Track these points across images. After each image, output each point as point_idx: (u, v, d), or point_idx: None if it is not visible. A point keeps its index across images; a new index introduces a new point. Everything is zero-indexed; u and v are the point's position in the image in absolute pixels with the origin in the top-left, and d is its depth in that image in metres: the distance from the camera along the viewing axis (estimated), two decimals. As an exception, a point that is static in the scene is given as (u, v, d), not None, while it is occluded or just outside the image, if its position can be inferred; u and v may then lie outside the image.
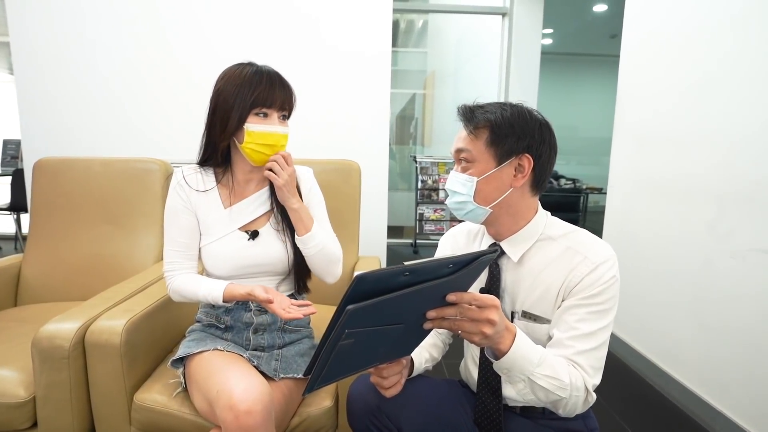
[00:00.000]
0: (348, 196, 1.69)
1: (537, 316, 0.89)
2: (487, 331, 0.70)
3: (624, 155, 2.23)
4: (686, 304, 1.78)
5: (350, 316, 0.57)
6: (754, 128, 1.48)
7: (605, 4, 5.09)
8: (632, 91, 2.18)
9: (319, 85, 2.55)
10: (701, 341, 1.70)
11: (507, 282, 0.93)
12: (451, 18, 5.98)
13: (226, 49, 2.49)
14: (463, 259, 0.64)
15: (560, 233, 0.91)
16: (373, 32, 2.57)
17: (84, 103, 2.46)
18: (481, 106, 0.90)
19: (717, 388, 1.64)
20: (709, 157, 1.67)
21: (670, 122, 1.88)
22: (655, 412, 1.76)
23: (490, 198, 0.89)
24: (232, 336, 1.11)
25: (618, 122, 2.27)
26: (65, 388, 1.07)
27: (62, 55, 2.42)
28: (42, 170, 1.69)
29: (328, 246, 1.12)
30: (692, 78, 1.76)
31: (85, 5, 2.40)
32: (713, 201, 1.64)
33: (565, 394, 0.78)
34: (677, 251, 1.83)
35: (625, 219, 2.20)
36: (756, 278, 1.47)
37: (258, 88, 1.02)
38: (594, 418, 0.98)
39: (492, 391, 0.95)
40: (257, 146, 1.04)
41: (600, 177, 2.30)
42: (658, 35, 1.98)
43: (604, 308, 0.84)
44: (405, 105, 6.70)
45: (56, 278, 1.65)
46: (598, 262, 0.84)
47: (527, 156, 0.87)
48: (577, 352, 0.82)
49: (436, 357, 1.06)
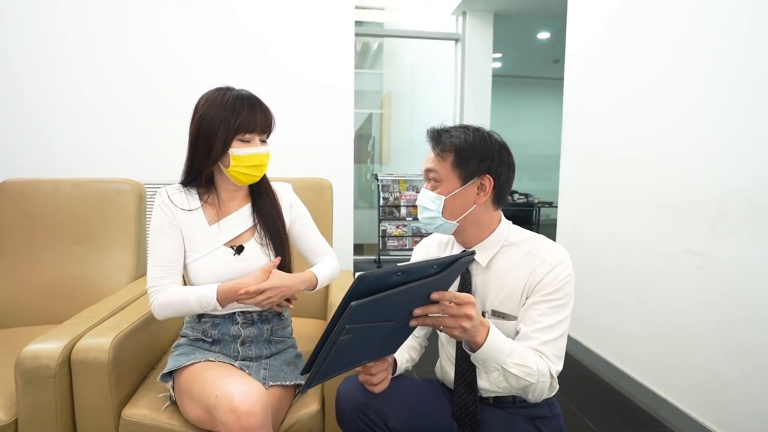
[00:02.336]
0: (321, 213, 1.76)
1: (505, 314, 1.01)
2: (466, 325, 0.80)
3: (571, 171, 2.44)
4: (631, 303, 1.97)
5: (353, 312, 0.66)
6: (683, 146, 1.70)
7: (548, 32, 5.50)
8: (576, 113, 2.40)
9: (287, 108, 2.64)
10: (644, 336, 1.89)
11: (477, 285, 1.04)
12: (406, 41, 6.23)
13: (201, 71, 2.54)
14: (446, 261, 0.75)
15: (521, 239, 1.03)
16: (336, 54, 2.71)
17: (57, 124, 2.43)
18: (446, 129, 1.02)
19: (660, 377, 1.82)
20: (644, 171, 1.88)
21: (612, 141, 2.10)
22: (607, 403, 1.92)
23: (457, 213, 1.01)
24: (219, 348, 1.15)
25: (565, 141, 2.49)
26: (50, 409, 1.06)
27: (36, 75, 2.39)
28: (7, 192, 1.66)
29: (332, 273, 1.26)
30: (628, 101, 1.99)
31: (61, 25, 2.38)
32: (650, 211, 1.85)
33: (533, 379, 0.89)
34: (621, 257, 2.03)
35: (576, 229, 2.40)
36: (687, 276, 1.66)
37: (241, 115, 1.07)
38: (557, 405, 1.10)
39: (468, 385, 1.04)
40: (244, 168, 1.09)
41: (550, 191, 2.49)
42: (599, 61, 2.21)
43: (562, 303, 0.96)
44: (362, 124, 6.83)
45: (22, 303, 1.60)
46: (555, 262, 0.97)
47: (488, 176, 0.99)
48: (542, 343, 0.93)
49: (415, 358, 1.15)
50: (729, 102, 1.51)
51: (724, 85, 1.53)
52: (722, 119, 1.53)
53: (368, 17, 7.10)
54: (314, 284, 1.18)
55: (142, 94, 2.50)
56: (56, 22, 2.39)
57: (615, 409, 1.88)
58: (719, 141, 1.54)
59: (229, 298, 1.08)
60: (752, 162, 1.43)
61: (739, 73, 1.48)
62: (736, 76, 1.49)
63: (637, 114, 1.93)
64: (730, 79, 1.51)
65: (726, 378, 1.52)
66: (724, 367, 1.53)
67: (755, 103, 1.42)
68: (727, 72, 1.52)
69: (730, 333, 1.51)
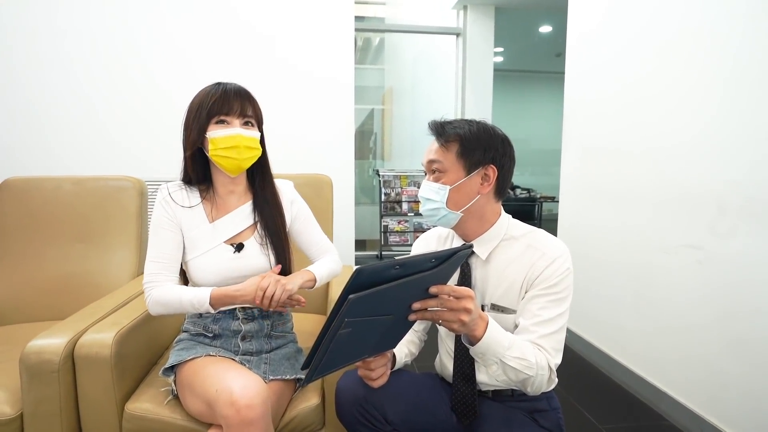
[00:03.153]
0: (321, 209, 1.76)
1: (504, 308, 1.01)
2: (464, 318, 0.80)
3: (572, 166, 2.44)
4: (630, 297, 1.97)
5: (351, 305, 0.66)
6: (682, 138, 1.69)
7: (550, 26, 5.47)
8: (577, 107, 2.40)
9: (284, 102, 2.65)
10: (644, 330, 1.90)
11: (477, 278, 1.04)
12: (407, 36, 6.21)
13: (200, 68, 2.55)
14: (444, 254, 0.75)
15: (521, 233, 1.04)
16: (336, 50, 2.71)
17: (56, 121, 2.44)
18: (450, 122, 1.02)
19: (660, 371, 1.82)
20: (643, 165, 1.88)
21: (611, 135, 2.10)
22: (607, 396, 1.93)
23: (461, 204, 1.01)
24: (220, 343, 1.16)
25: (566, 135, 2.49)
26: (54, 403, 1.08)
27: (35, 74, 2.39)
28: (9, 190, 1.67)
29: (331, 272, 1.25)
30: (628, 94, 1.99)
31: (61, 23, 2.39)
32: (649, 205, 1.85)
33: (532, 372, 0.89)
34: (621, 251, 2.03)
35: (576, 224, 2.40)
36: (687, 270, 1.66)
37: (214, 98, 1.08)
38: (556, 399, 1.11)
39: (467, 378, 1.05)
40: (221, 151, 1.08)
41: (552, 186, 2.49)
42: (599, 55, 2.21)
43: (561, 296, 0.97)
44: (364, 120, 6.83)
45: (25, 299, 1.62)
46: (555, 256, 0.97)
47: (492, 166, 0.99)
48: (541, 336, 0.94)
49: (414, 352, 1.16)
50: (727, 94, 1.51)
51: (722, 77, 1.52)
52: (720, 111, 1.53)
53: (369, 12, 7.08)
54: (313, 282, 1.18)
55: (143, 90, 2.51)
56: (56, 19, 2.39)
57: (615, 403, 1.89)
58: (718, 133, 1.54)
59: (223, 303, 1.09)
60: (752, 155, 1.43)
61: (737, 65, 1.47)
62: (734, 68, 1.48)
63: (637, 107, 1.93)
64: (727, 70, 1.50)
65: (726, 372, 1.52)
66: (724, 361, 1.53)
67: (754, 95, 1.42)
68: (724, 63, 1.51)
69: (730, 327, 1.51)
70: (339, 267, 1.29)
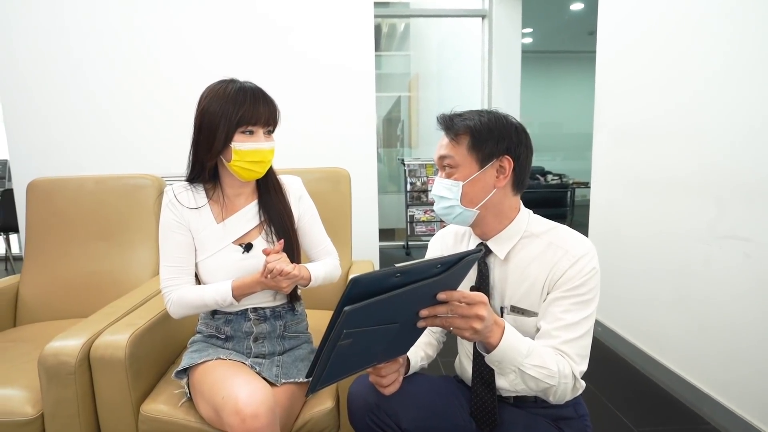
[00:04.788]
0: (338, 203, 1.73)
1: (525, 310, 0.94)
2: (477, 326, 0.74)
3: (605, 151, 2.30)
4: (670, 291, 1.84)
5: (347, 317, 0.62)
6: (731, 121, 1.55)
7: (582, 3, 5.20)
8: (610, 88, 2.25)
9: (304, 95, 2.60)
10: (685, 327, 1.77)
11: (495, 279, 0.98)
12: (433, 21, 6.06)
13: (212, 62, 2.53)
14: (451, 259, 0.69)
15: (542, 230, 0.96)
16: (356, 39, 2.62)
17: (72, 120, 2.48)
18: (459, 114, 0.95)
19: (702, 371, 1.70)
20: (684, 149, 1.74)
21: (649, 117, 1.96)
22: (643, 396, 1.82)
23: (476, 200, 0.94)
24: (233, 345, 1.14)
25: (597, 118, 2.34)
26: (72, 404, 1.09)
27: (47, 73, 2.44)
28: (36, 190, 1.71)
29: (327, 275, 1.20)
30: (668, 73, 1.84)
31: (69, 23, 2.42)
32: (691, 192, 1.71)
33: (554, 381, 0.83)
34: (659, 242, 1.90)
35: (609, 213, 2.27)
36: (733, 264, 1.53)
37: (243, 107, 1.04)
38: (584, 405, 1.03)
39: (486, 383, 0.99)
40: (245, 164, 1.06)
41: (586, 171, 2.38)
42: (634, 30, 2.05)
43: (586, 299, 0.89)
44: (391, 108, 6.75)
45: (54, 297, 1.66)
46: (579, 255, 0.89)
47: (507, 158, 0.92)
48: (564, 342, 0.87)
49: (431, 355, 1.10)
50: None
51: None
52: (774, 89, 1.38)
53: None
54: (307, 281, 1.14)
55: (158, 87, 2.50)
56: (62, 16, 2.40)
57: (652, 404, 1.78)
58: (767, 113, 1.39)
59: (244, 293, 1.08)
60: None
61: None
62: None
63: (676, 85, 1.78)
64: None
65: (776, 373, 1.40)
66: (774, 361, 1.41)
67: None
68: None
69: (782, 325, 1.38)
70: (338, 273, 1.25)
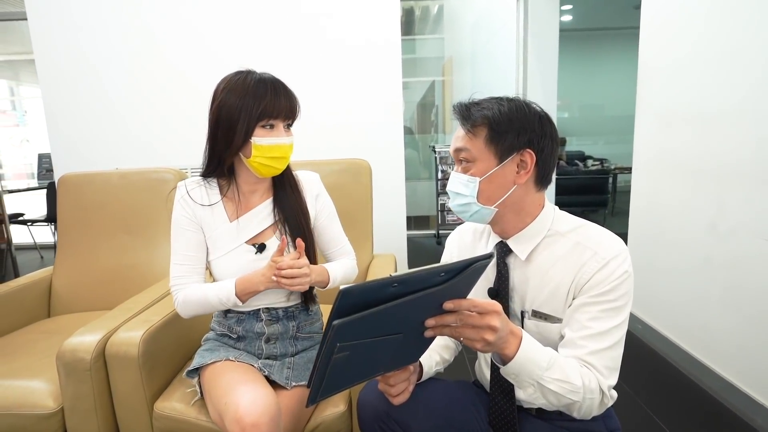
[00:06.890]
0: (359, 195, 1.68)
1: (548, 315, 0.86)
2: (489, 337, 0.67)
3: (648, 134, 2.13)
4: (718, 289, 1.69)
5: (338, 331, 0.56)
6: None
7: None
8: (655, 65, 2.07)
9: (326, 84, 2.53)
10: (736, 329, 1.62)
11: (515, 281, 0.90)
12: (466, 1, 5.84)
13: (229, 52, 2.48)
14: (457, 267, 0.62)
15: (569, 228, 0.87)
16: (380, 22, 2.52)
17: (108, 116, 2.54)
18: (477, 102, 0.87)
19: (756, 379, 1.55)
20: (738, 133, 1.57)
21: (697, 98, 1.78)
22: (687, 403, 1.69)
23: (495, 197, 0.86)
24: (244, 345, 1.12)
25: (640, 99, 2.17)
26: (89, 399, 1.10)
27: (81, 70, 2.50)
28: (65, 185, 1.75)
29: (345, 276, 1.16)
30: (724, 46, 1.65)
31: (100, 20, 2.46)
32: (746, 180, 1.54)
33: (577, 397, 0.75)
34: (707, 235, 1.73)
35: (652, 201, 2.11)
36: (794, 260, 1.38)
37: (264, 100, 0.98)
38: (615, 418, 0.94)
39: (505, 392, 0.92)
40: (265, 159, 1.01)
41: (629, 156, 2.20)
42: (681, 3, 1.86)
43: (617, 305, 0.80)
44: (425, 93, 6.62)
45: (84, 289, 1.71)
46: (609, 257, 0.80)
47: (529, 151, 0.83)
48: (590, 352, 0.79)
49: (448, 359, 1.04)
50: None
51: None
52: None
53: (425, -21, 6.76)
54: (326, 280, 1.10)
55: (181, 80, 2.51)
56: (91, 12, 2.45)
57: (697, 411, 1.64)
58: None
59: (248, 291, 1.04)
60: None
61: None
62: None
63: (732, 60, 1.59)
64: None
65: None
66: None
67: None
68: None
69: None
70: (355, 273, 1.21)
